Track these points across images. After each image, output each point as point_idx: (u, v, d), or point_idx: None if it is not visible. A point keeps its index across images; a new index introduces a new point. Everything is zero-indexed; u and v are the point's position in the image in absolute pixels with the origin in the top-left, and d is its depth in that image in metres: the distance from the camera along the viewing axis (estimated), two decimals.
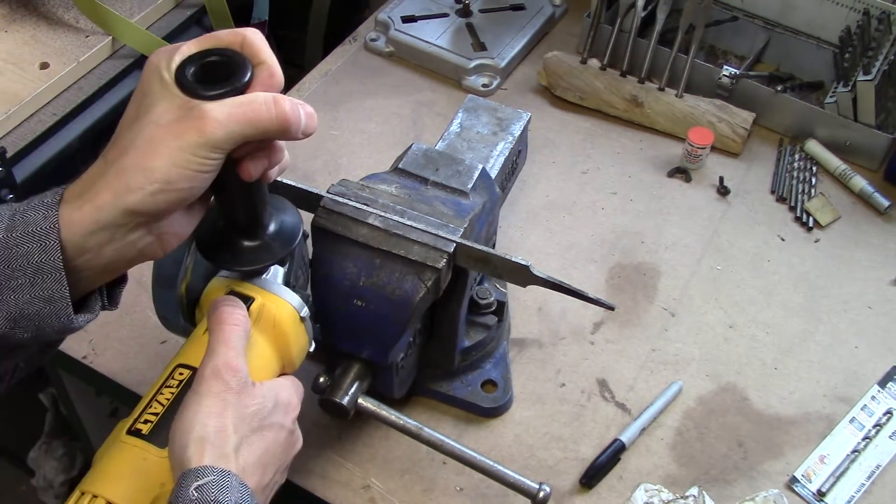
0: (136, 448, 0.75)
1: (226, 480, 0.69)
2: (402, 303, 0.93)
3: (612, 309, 1.04)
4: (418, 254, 0.94)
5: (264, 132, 0.69)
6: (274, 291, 0.84)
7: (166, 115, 0.67)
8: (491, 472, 0.96)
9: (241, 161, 0.72)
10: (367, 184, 1.01)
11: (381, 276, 0.94)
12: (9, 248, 0.67)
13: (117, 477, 0.74)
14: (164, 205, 0.68)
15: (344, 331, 0.96)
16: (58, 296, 0.68)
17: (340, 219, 0.96)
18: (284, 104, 0.69)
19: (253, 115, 0.68)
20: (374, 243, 0.94)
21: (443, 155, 1.07)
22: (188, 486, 0.67)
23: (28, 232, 0.67)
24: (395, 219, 0.96)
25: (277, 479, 0.79)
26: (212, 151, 0.67)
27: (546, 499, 0.94)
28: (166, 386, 0.78)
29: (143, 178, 0.67)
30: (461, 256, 0.96)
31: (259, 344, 0.82)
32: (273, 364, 0.83)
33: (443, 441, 0.97)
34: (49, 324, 0.69)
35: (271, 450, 0.76)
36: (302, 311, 0.85)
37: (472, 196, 1.03)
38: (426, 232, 0.95)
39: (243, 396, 0.74)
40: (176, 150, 0.67)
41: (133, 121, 0.69)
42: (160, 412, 0.76)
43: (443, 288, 0.96)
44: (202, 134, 0.66)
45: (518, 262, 0.97)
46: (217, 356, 0.75)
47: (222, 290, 0.84)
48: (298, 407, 0.82)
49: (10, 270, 0.67)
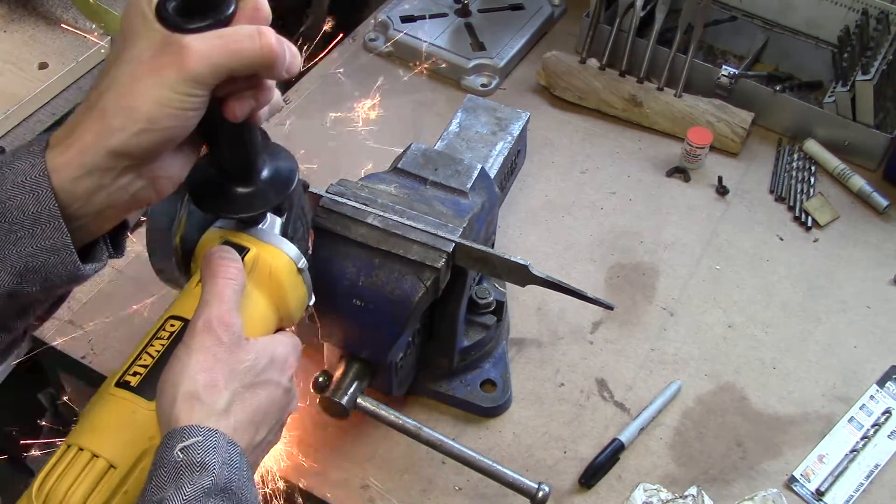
0: (125, 401, 0.72)
1: (212, 441, 0.66)
2: (401, 302, 0.93)
3: (611, 308, 1.04)
4: (417, 253, 0.94)
5: (248, 65, 0.66)
6: (270, 241, 0.81)
7: (147, 52, 0.64)
8: (490, 472, 0.96)
9: (227, 100, 0.69)
10: (366, 184, 1.01)
11: (381, 275, 0.94)
12: (2, 203, 0.65)
13: (105, 430, 0.71)
14: (149, 145, 0.66)
15: (343, 331, 0.96)
16: (60, 244, 0.66)
17: (340, 219, 0.96)
18: (270, 36, 0.66)
19: (236, 48, 0.65)
20: (374, 243, 0.94)
21: (442, 155, 1.08)
22: (173, 446, 0.65)
23: (18, 183, 0.65)
24: (394, 218, 0.96)
25: (271, 439, 0.76)
26: (194, 87, 0.64)
27: (545, 498, 0.94)
28: (157, 338, 0.75)
29: (125, 119, 0.64)
30: (460, 256, 0.96)
31: (254, 297, 0.79)
32: (269, 318, 0.80)
33: (441, 441, 0.97)
34: (56, 274, 0.67)
35: (264, 408, 0.73)
36: (299, 262, 0.81)
37: (471, 196, 1.03)
38: (425, 231, 0.95)
39: (236, 352, 0.72)
40: (157, 88, 0.64)
41: (115, 59, 0.66)
42: (150, 364, 0.74)
43: (442, 287, 0.96)
44: (183, 68, 0.63)
45: (517, 262, 0.97)
46: (209, 310, 0.72)
47: (217, 241, 0.80)
48: (296, 364, 0.79)
49: (8, 224, 0.65)
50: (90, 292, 1.20)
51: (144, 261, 1.24)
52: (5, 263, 0.66)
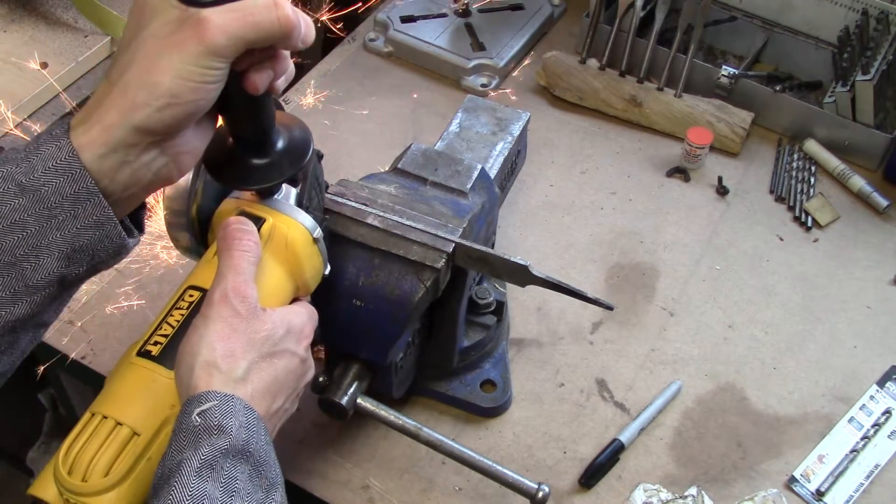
0: (146, 370, 0.74)
1: (230, 405, 0.67)
2: (401, 302, 0.93)
3: (610, 309, 1.04)
4: (417, 254, 0.94)
5: (266, 36, 0.67)
6: (285, 212, 0.82)
7: (165, 27, 0.65)
8: (490, 473, 0.96)
9: (247, 73, 0.70)
10: (366, 184, 1.01)
11: (380, 275, 0.94)
12: (37, 189, 0.65)
13: (127, 398, 0.73)
14: (172, 120, 0.66)
15: (343, 331, 0.97)
16: (104, 218, 0.67)
17: (339, 219, 0.96)
18: (286, 7, 0.67)
19: (254, 19, 0.65)
20: (374, 243, 0.95)
21: (442, 155, 1.08)
22: (191, 412, 0.67)
23: (49, 168, 0.65)
24: (394, 219, 0.96)
25: (287, 407, 0.78)
26: (215, 60, 0.65)
27: (545, 499, 0.94)
28: (176, 308, 0.78)
29: (148, 94, 0.65)
30: (460, 256, 0.96)
31: (270, 267, 0.80)
32: (285, 287, 0.82)
33: (441, 441, 0.97)
34: (103, 249, 0.68)
35: (281, 377, 0.74)
36: (315, 232, 0.83)
37: (471, 196, 1.03)
38: (425, 232, 0.95)
39: (252, 322, 0.73)
40: (178, 62, 0.64)
41: (133, 37, 0.67)
42: (170, 334, 0.76)
43: (442, 288, 0.96)
44: (202, 41, 0.64)
45: (517, 262, 0.97)
46: (226, 281, 0.73)
47: (233, 211, 0.82)
48: (311, 334, 0.81)
49: (48, 210, 0.65)
50: (90, 292, 1.20)
51: (144, 261, 1.24)
52: (52, 250, 0.67)
